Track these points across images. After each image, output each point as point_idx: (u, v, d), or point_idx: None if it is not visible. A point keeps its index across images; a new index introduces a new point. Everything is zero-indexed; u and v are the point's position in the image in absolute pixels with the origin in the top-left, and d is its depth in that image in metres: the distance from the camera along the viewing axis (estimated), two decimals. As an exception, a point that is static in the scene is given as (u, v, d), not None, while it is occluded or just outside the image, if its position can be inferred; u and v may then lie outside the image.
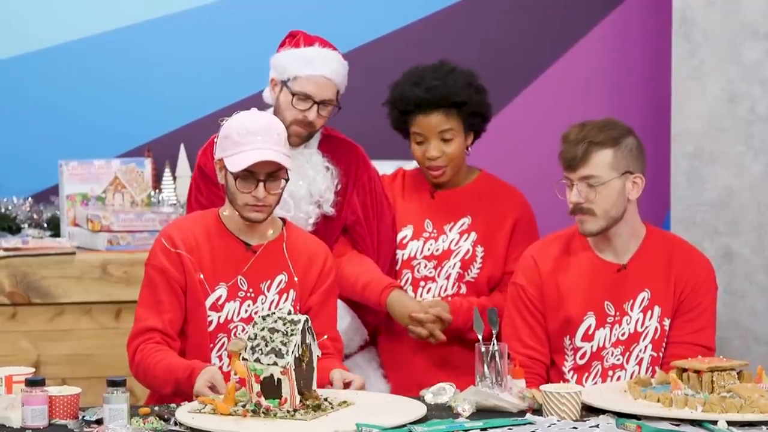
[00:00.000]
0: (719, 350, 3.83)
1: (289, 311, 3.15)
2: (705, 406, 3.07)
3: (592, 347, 3.64)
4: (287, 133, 3.55)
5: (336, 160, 4.04)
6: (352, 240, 4.07)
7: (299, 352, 3.09)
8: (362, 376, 3.58)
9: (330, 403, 3.14)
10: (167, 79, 5.16)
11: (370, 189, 4.07)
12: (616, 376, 3.62)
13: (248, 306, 3.51)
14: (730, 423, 3.01)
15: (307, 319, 3.14)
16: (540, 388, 3.22)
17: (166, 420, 3.09)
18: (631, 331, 3.63)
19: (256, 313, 3.45)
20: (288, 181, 3.48)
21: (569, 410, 3.13)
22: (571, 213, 3.63)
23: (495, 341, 3.35)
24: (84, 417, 3.14)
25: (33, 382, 3.09)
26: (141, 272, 3.58)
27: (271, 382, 3.07)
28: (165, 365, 3.38)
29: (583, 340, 3.64)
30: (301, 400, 3.10)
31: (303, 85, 3.93)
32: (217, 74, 5.16)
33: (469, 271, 4.04)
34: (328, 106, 3.96)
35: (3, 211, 4.88)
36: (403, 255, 4.08)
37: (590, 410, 3.19)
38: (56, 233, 4.84)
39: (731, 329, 4.66)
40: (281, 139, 3.46)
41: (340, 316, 3.74)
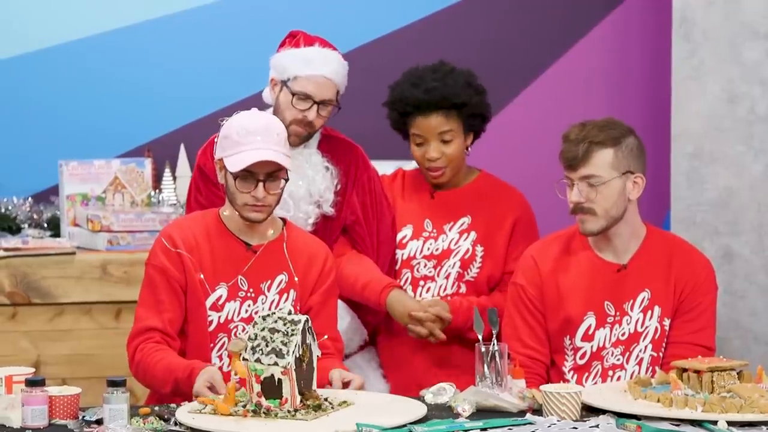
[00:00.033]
0: (719, 350, 3.82)
1: (289, 311, 3.15)
2: (705, 407, 3.06)
3: (592, 347, 3.64)
4: (287, 133, 3.55)
5: (336, 160, 4.03)
6: (351, 240, 4.07)
7: (300, 352, 3.09)
8: (362, 375, 3.58)
9: (330, 403, 3.14)
10: (167, 79, 5.16)
11: (370, 189, 4.07)
12: (616, 376, 3.62)
13: (248, 306, 3.51)
14: (730, 423, 3.01)
15: (308, 319, 3.14)
16: (540, 388, 3.22)
17: (166, 420, 3.09)
18: (631, 331, 3.63)
19: (257, 313, 3.44)
20: (288, 181, 3.48)
21: (569, 410, 3.13)
22: (571, 213, 3.63)
23: (495, 341, 3.35)
24: (84, 417, 3.13)
25: (33, 382, 3.09)
26: (141, 272, 3.58)
27: (272, 382, 3.07)
28: (165, 365, 3.38)
29: (583, 340, 3.64)
30: (302, 400, 3.09)
31: (303, 85, 3.93)
32: (217, 74, 5.16)
33: (468, 270, 4.04)
34: (328, 106, 3.96)
35: (3, 211, 4.88)
36: (403, 254, 4.07)
37: (590, 410, 3.19)
38: (56, 233, 4.84)
39: (731, 329, 4.66)
40: (281, 139, 3.46)
41: (339, 316, 3.74)
